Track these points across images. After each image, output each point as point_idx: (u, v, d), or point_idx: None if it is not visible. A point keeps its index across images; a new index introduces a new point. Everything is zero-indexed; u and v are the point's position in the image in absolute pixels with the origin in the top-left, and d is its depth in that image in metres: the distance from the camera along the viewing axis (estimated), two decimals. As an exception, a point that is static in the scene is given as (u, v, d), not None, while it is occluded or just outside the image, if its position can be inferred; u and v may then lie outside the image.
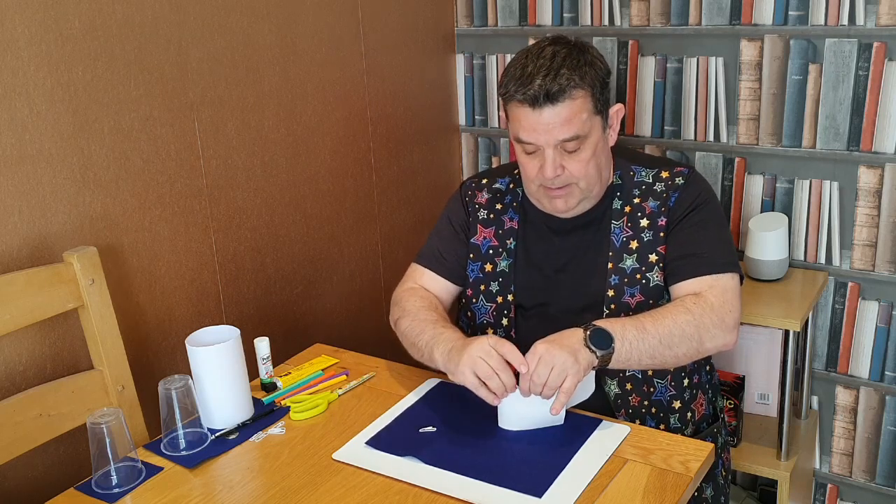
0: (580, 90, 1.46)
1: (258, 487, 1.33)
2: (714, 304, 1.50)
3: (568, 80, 1.45)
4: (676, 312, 1.47)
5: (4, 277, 1.42)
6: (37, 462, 1.55)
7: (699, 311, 1.48)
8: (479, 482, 1.30)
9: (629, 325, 1.45)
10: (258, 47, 1.88)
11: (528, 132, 1.49)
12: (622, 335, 1.42)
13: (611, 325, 1.43)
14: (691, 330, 1.47)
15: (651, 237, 1.56)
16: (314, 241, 2.10)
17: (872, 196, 2.01)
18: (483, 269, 1.66)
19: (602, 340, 1.41)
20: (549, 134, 1.47)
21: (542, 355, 1.36)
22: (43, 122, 1.50)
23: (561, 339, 1.40)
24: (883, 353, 2.10)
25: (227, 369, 1.47)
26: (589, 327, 1.42)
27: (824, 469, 2.27)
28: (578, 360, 1.37)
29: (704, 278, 1.52)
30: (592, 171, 1.52)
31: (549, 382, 1.36)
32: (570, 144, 1.48)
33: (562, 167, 1.50)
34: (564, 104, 1.46)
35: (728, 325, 1.50)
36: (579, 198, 1.55)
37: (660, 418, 1.58)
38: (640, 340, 1.43)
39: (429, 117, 2.45)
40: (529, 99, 1.46)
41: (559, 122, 1.46)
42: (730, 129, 2.15)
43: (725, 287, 1.52)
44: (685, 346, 1.47)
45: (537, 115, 1.47)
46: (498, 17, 2.40)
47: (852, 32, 1.94)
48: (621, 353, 1.42)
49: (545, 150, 1.49)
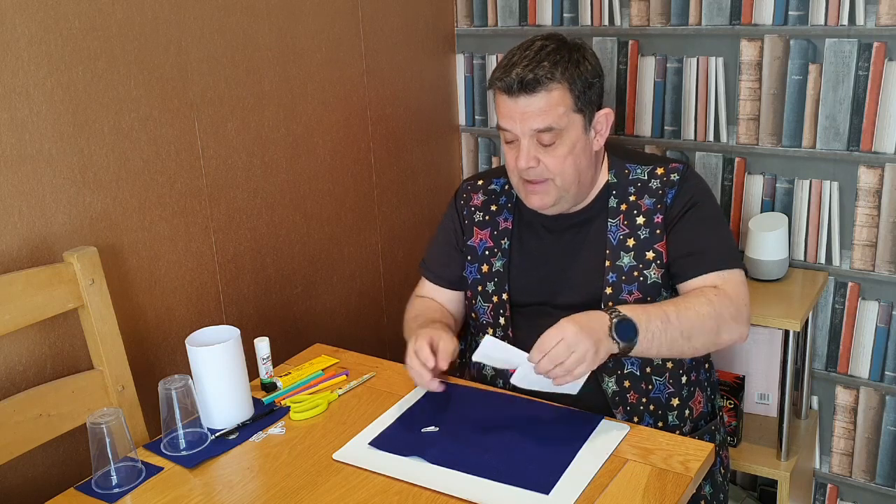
0: (556, 83, 1.48)
1: (258, 487, 1.33)
2: (732, 297, 1.51)
3: (547, 72, 1.47)
4: (700, 304, 1.48)
5: (4, 277, 1.42)
6: (37, 462, 1.55)
7: (720, 304, 1.48)
8: (486, 480, 1.30)
9: (654, 315, 1.44)
10: (258, 47, 1.88)
11: (505, 119, 1.52)
12: (647, 326, 1.42)
13: (636, 315, 1.42)
14: (711, 323, 1.47)
15: (648, 234, 1.57)
16: (314, 241, 2.10)
17: (872, 196, 2.01)
18: (480, 270, 1.67)
19: (627, 331, 1.40)
20: (524, 122, 1.49)
21: (568, 338, 1.34)
22: (43, 122, 1.50)
23: (589, 323, 1.38)
24: (883, 353, 2.10)
25: (227, 369, 1.47)
26: (614, 315, 1.40)
27: (824, 469, 2.27)
28: (599, 350, 1.36)
29: (714, 275, 1.53)
30: (569, 170, 1.53)
31: (565, 364, 1.34)
32: (545, 137, 1.50)
33: (537, 160, 1.51)
34: (540, 95, 1.48)
35: (744, 318, 1.52)
36: (555, 196, 1.55)
37: (658, 415, 1.58)
38: (662, 332, 1.43)
39: (429, 117, 2.45)
40: (506, 86, 1.49)
41: (533, 112, 1.49)
42: (730, 129, 2.15)
43: (738, 281, 1.54)
44: (704, 338, 1.48)
45: (513, 102, 1.49)
46: (498, 17, 2.40)
47: (852, 32, 1.94)
48: (642, 344, 1.42)
49: (521, 139, 1.51)
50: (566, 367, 1.35)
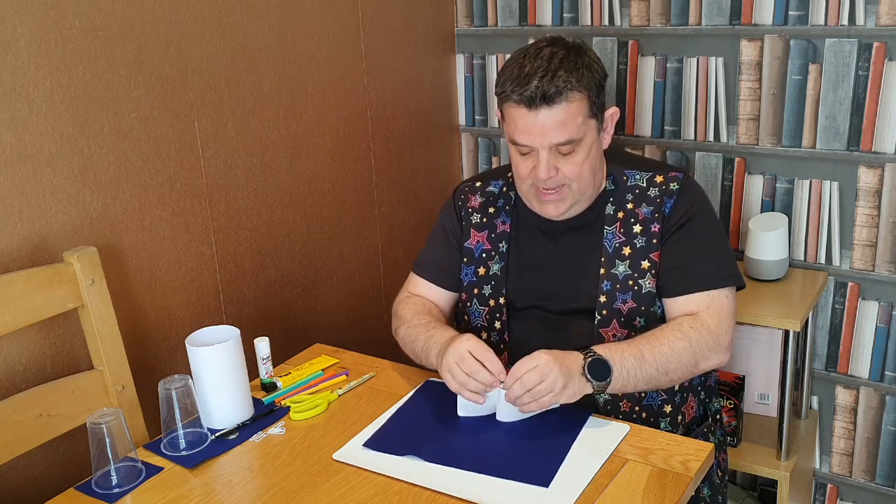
0: (577, 93, 1.46)
1: (258, 487, 1.33)
2: (710, 327, 1.50)
3: (565, 82, 1.44)
4: (674, 338, 1.48)
5: (4, 277, 1.42)
6: (37, 462, 1.55)
7: (696, 336, 1.49)
8: (485, 476, 1.31)
9: (628, 353, 1.45)
10: (258, 47, 1.88)
11: (524, 134, 1.48)
12: (621, 364, 1.43)
13: (610, 354, 1.43)
14: (688, 357, 1.48)
15: (644, 243, 1.56)
16: (314, 241, 2.10)
17: (872, 196, 2.01)
18: (476, 273, 1.66)
19: (600, 371, 1.41)
20: (543, 137, 1.47)
21: (541, 365, 1.37)
22: (43, 122, 1.50)
23: (563, 358, 1.40)
24: (883, 353, 2.09)
25: (227, 369, 1.47)
26: (589, 355, 1.42)
27: (824, 469, 2.27)
28: (567, 386, 1.38)
29: (700, 296, 1.53)
30: (586, 173, 1.52)
31: (533, 391, 1.37)
32: (564, 147, 1.48)
33: (555, 169, 1.50)
34: (560, 106, 1.45)
35: (722, 347, 1.52)
36: (571, 202, 1.55)
37: (650, 423, 1.57)
38: (637, 369, 1.44)
39: (429, 117, 2.45)
40: (526, 100, 1.45)
41: (554, 126, 1.46)
42: (730, 129, 2.15)
43: (721, 307, 1.53)
44: (681, 371, 1.49)
45: (533, 116, 1.46)
46: (498, 17, 2.40)
47: (852, 32, 1.94)
48: (618, 382, 1.43)
49: (539, 151, 1.49)
50: (534, 394, 1.37)
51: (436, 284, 1.72)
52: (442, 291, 1.71)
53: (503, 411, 1.44)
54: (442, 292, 1.72)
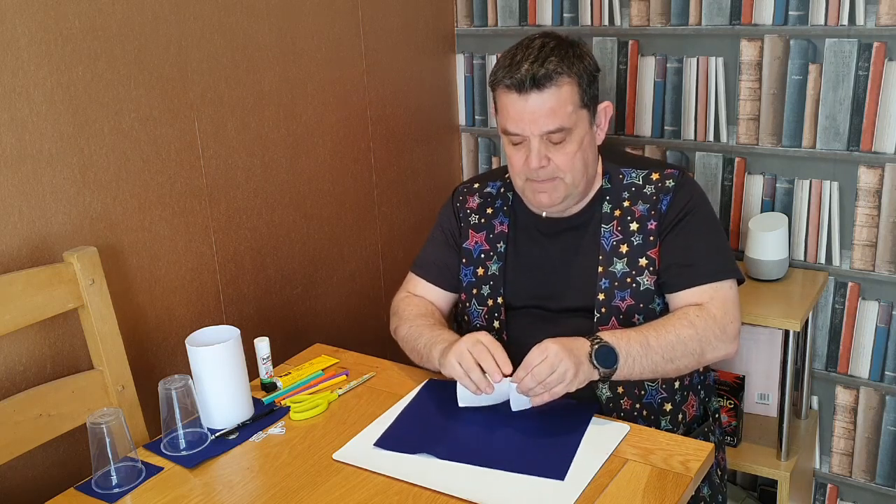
0: (566, 77, 1.47)
1: (258, 487, 1.33)
2: (717, 316, 1.50)
3: (556, 66, 1.46)
4: (680, 326, 1.48)
5: (4, 277, 1.42)
6: (37, 462, 1.55)
7: (702, 325, 1.49)
8: (500, 472, 1.32)
9: (634, 340, 1.45)
10: (258, 47, 1.88)
11: (515, 122, 1.49)
12: (627, 352, 1.44)
13: (616, 341, 1.44)
14: (694, 345, 1.48)
15: (641, 241, 1.56)
16: (314, 241, 2.10)
17: (872, 196, 2.01)
18: (475, 274, 1.66)
19: (607, 358, 1.42)
20: (534, 124, 1.48)
21: (551, 356, 1.37)
22: (43, 122, 1.50)
23: (571, 345, 1.40)
24: (883, 353, 2.09)
25: (227, 369, 1.47)
26: (595, 341, 1.43)
27: (824, 469, 2.27)
28: (579, 373, 1.39)
29: (704, 288, 1.53)
30: (579, 165, 1.52)
31: (545, 382, 1.37)
32: (555, 136, 1.49)
33: (547, 159, 1.50)
34: (551, 91, 1.46)
35: (730, 336, 1.52)
36: (564, 193, 1.55)
37: (651, 420, 1.58)
38: (643, 357, 1.45)
39: (429, 117, 2.45)
40: (516, 84, 1.46)
41: (545, 112, 1.47)
42: (730, 129, 2.15)
43: (726, 297, 1.53)
44: (687, 359, 1.49)
45: (523, 101, 1.47)
46: (498, 17, 2.40)
47: (852, 32, 1.94)
48: (623, 370, 1.44)
49: (531, 140, 1.49)
50: (546, 385, 1.38)
51: (434, 284, 1.72)
52: (440, 291, 1.72)
53: (516, 401, 1.45)
54: (440, 292, 1.72)
